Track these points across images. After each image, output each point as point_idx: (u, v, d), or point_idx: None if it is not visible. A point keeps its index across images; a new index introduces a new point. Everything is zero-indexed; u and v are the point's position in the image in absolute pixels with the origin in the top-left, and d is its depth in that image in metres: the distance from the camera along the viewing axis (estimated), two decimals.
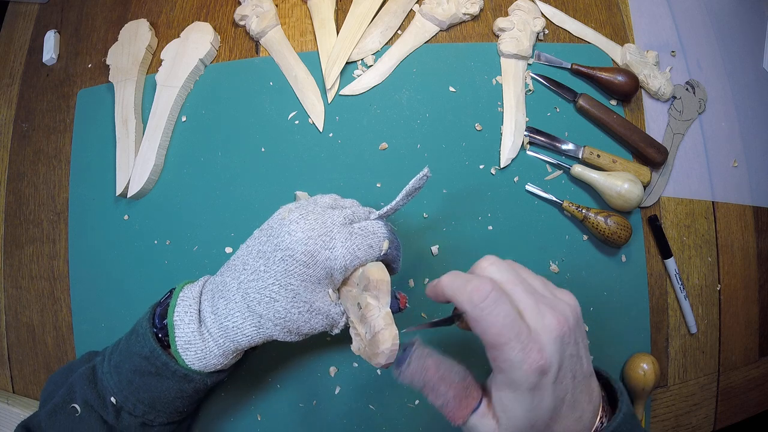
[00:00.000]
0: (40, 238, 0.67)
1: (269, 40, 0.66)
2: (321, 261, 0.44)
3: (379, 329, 0.40)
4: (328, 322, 0.47)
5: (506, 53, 0.65)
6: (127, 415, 0.45)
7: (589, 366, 0.39)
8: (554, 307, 0.37)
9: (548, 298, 0.38)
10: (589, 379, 0.39)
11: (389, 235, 0.47)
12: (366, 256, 0.45)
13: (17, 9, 0.78)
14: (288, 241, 0.43)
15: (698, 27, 0.73)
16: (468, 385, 0.39)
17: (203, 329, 0.45)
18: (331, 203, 0.48)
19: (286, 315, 0.44)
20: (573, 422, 0.38)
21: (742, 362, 0.66)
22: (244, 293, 0.44)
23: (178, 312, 0.45)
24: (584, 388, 0.38)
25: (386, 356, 0.40)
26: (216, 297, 0.46)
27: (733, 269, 0.67)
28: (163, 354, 0.45)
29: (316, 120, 0.63)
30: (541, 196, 0.62)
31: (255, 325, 0.45)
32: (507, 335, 0.35)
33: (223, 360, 0.46)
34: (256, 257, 0.45)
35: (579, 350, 0.38)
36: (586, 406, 0.38)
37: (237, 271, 0.46)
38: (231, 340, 0.45)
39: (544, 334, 0.36)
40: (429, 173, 0.46)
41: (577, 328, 0.38)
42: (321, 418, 0.57)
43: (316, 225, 0.44)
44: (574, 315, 0.38)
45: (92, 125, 0.68)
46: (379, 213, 0.48)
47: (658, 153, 0.63)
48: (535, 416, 0.36)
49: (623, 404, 0.40)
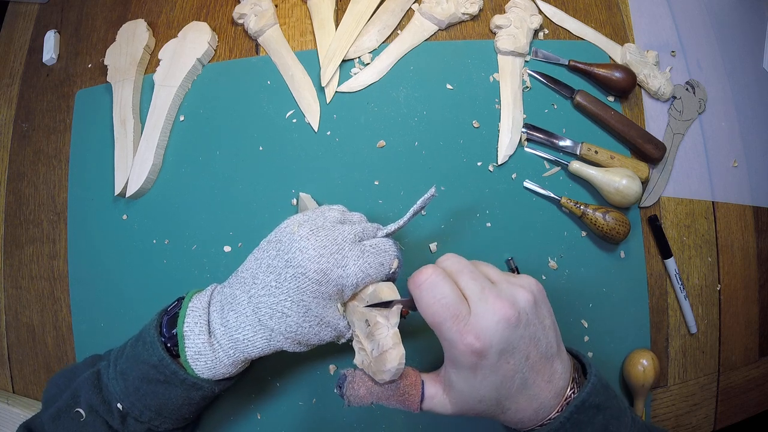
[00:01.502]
0: (40, 238, 0.67)
1: (267, 39, 0.67)
2: (333, 279, 0.44)
3: (387, 348, 0.41)
4: (336, 333, 0.47)
5: (503, 50, 0.65)
6: (134, 421, 0.45)
7: (550, 347, 0.41)
8: (502, 293, 0.39)
9: (500, 285, 0.41)
10: (551, 360, 0.41)
11: (398, 253, 0.47)
12: (377, 274, 0.45)
13: (17, 9, 0.79)
14: (300, 258, 0.43)
15: (698, 27, 0.73)
16: (404, 390, 0.42)
17: (213, 340, 0.45)
18: (339, 217, 0.48)
19: (298, 329, 0.44)
20: (526, 400, 0.40)
21: (742, 362, 0.66)
22: (255, 307, 0.44)
23: (188, 323, 0.45)
24: (541, 368, 0.40)
25: (392, 374, 0.41)
26: (226, 309, 0.46)
27: (733, 269, 0.67)
28: (172, 363, 0.45)
29: (312, 120, 0.64)
30: (540, 193, 0.62)
31: (266, 338, 0.45)
32: (443, 315, 0.38)
33: (232, 369, 0.47)
34: (267, 272, 0.45)
35: (534, 332, 0.40)
36: (544, 386, 0.40)
37: (247, 285, 0.46)
38: (241, 351, 0.45)
39: (485, 318, 0.38)
40: (436, 193, 0.47)
41: (533, 310, 0.40)
42: (321, 416, 0.57)
43: (328, 242, 0.44)
44: (528, 298, 0.40)
45: (91, 125, 0.68)
46: (386, 230, 0.49)
47: (656, 149, 0.63)
48: (479, 393, 0.40)
49: (592, 375, 0.41)
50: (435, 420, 0.57)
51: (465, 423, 0.57)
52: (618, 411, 0.42)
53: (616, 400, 0.42)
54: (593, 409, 0.40)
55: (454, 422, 0.57)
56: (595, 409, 0.40)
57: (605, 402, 0.41)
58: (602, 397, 0.41)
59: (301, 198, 0.60)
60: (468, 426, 0.58)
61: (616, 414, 0.41)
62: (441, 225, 0.61)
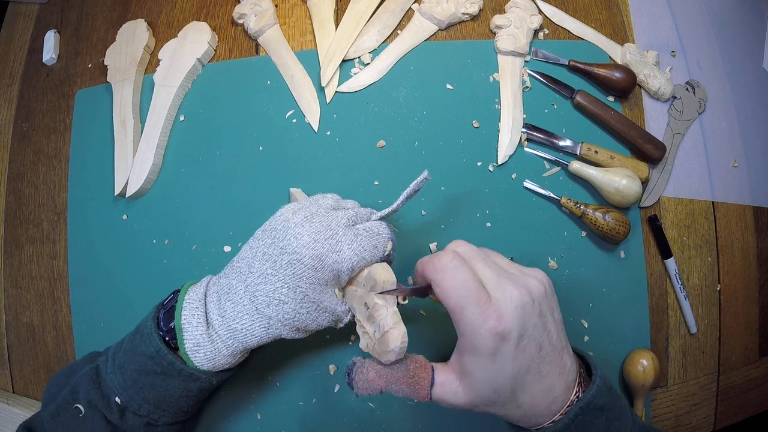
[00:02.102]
0: (40, 238, 0.67)
1: (267, 39, 0.67)
2: (328, 264, 0.44)
3: (388, 328, 0.42)
4: (334, 318, 0.47)
5: (503, 50, 0.65)
6: (132, 415, 0.45)
7: (560, 340, 0.41)
8: (516, 280, 0.40)
9: (513, 273, 0.41)
10: (561, 352, 0.41)
11: (392, 235, 0.48)
12: (372, 257, 0.46)
13: (17, 9, 0.79)
14: (295, 244, 0.44)
15: (698, 27, 0.73)
16: (414, 372, 0.42)
17: (211, 331, 0.45)
18: (333, 204, 0.48)
19: (295, 315, 0.45)
20: (541, 393, 0.40)
21: (742, 362, 0.66)
22: (252, 296, 0.45)
23: (185, 315, 0.45)
24: (553, 359, 0.40)
25: (396, 353, 0.41)
26: (222, 299, 0.46)
27: (733, 269, 0.67)
28: (169, 353, 0.45)
29: (312, 120, 0.64)
30: (540, 193, 0.62)
31: (264, 327, 0.45)
32: (466, 298, 0.38)
33: (231, 360, 0.47)
34: (262, 260, 0.45)
35: (546, 322, 0.40)
36: (557, 378, 0.40)
37: (243, 274, 0.46)
38: (239, 341, 0.45)
39: (503, 303, 0.38)
40: (429, 176, 0.47)
41: (544, 300, 0.41)
42: (320, 416, 0.57)
43: (322, 228, 0.44)
44: (540, 288, 0.40)
45: (91, 125, 0.68)
46: (380, 214, 0.49)
47: (656, 149, 0.63)
48: (496, 382, 0.39)
49: (597, 377, 0.41)
50: (435, 420, 0.57)
51: (466, 424, 0.57)
52: (620, 412, 0.42)
53: (619, 401, 0.43)
54: (597, 410, 0.40)
55: (455, 423, 0.57)
56: (600, 410, 0.40)
57: (609, 403, 0.41)
58: (606, 398, 0.41)
59: (292, 193, 0.60)
60: (466, 425, 0.57)
61: (618, 415, 0.41)
62: (441, 225, 0.61)
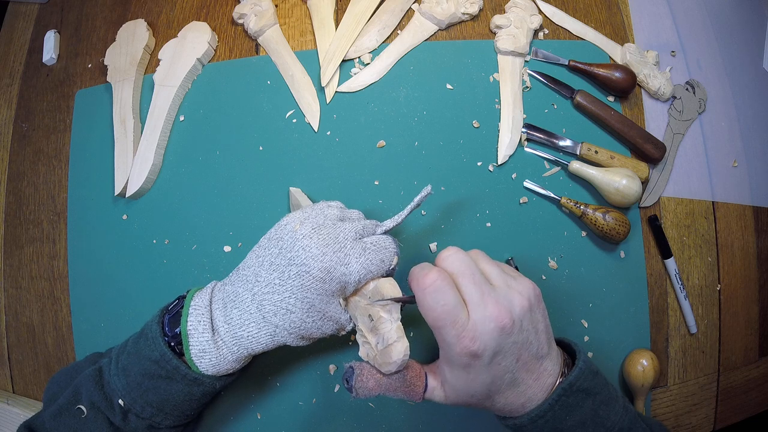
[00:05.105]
0: (40, 238, 0.67)
1: (267, 38, 0.67)
2: (336, 276, 0.44)
3: (392, 342, 0.43)
4: (338, 327, 0.48)
5: (503, 50, 0.65)
6: (135, 418, 0.46)
7: (541, 349, 0.43)
8: (500, 299, 0.41)
9: (498, 290, 0.42)
10: (541, 360, 0.43)
11: (398, 249, 0.48)
12: (378, 271, 0.46)
13: (17, 9, 0.79)
14: (303, 256, 0.44)
15: (698, 27, 0.73)
16: (411, 381, 0.44)
17: (216, 338, 0.46)
18: (338, 214, 0.49)
19: (302, 324, 0.45)
20: (514, 395, 0.43)
21: (742, 362, 0.66)
22: (259, 305, 0.45)
23: (191, 321, 0.46)
24: (531, 367, 0.42)
25: (398, 365, 0.43)
26: (228, 307, 0.46)
27: (733, 269, 0.67)
28: (174, 358, 0.45)
29: (312, 120, 0.64)
30: (540, 193, 0.62)
31: (270, 334, 0.46)
32: (444, 320, 0.40)
33: (235, 365, 0.47)
34: (269, 269, 0.45)
35: (528, 336, 0.42)
36: (532, 383, 0.43)
37: (250, 283, 0.46)
38: (245, 348, 0.46)
39: (481, 324, 0.40)
40: (432, 191, 0.50)
41: (527, 316, 0.42)
42: (321, 416, 0.57)
43: (330, 240, 0.45)
44: (523, 304, 0.42)
45: (91, 125, 0.68)
46: (385, 227, 0.50)
47: (655, 149, 0.63)
48: (471, 389, 0.43)
49: (580, 360, 0.44)
50: (434, 419, 0.57)
51: (463, 422, 0.58)
52: (608, 398, 0.43)
53: (607, 387, 0.44)
54: (582, 393, 0.42)
55: (453, 421, 0.57)
56: (584, 393, 0.42)
57: (594, 387, 0.43)
58: (591, 382, 0.43)
59: (292, 193, 0.60)
60: (466, 424, 0.58)
61: (605, 400, 0.43)
62: (441, 225, 0.61)
